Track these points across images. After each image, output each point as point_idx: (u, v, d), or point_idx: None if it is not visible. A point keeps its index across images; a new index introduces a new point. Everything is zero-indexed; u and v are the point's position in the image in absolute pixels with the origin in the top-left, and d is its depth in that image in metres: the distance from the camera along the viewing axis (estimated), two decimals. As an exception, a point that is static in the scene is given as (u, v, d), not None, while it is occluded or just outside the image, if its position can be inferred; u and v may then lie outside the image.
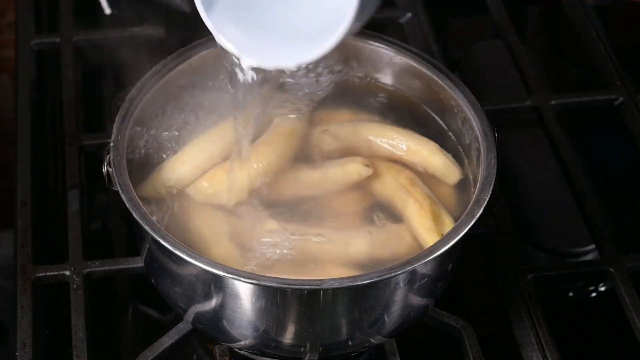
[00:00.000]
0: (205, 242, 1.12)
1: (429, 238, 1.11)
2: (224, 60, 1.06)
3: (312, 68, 1.22)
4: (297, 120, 1.21)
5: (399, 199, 1.15)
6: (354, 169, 1.16)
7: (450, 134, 1.22)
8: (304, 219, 1.15)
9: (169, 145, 1.20)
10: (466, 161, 1.19)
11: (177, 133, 1.21)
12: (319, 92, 1.23)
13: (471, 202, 1.09)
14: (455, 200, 1.17)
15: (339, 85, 1.25)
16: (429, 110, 1.24)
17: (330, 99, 1.24)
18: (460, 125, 1.20)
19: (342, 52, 1.25)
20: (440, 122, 1.23)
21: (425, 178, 1.18)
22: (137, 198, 1.08)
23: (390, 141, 1.19)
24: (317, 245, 1.12)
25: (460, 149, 1.20)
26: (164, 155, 1.18)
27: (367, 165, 1.16)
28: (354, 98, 1.25)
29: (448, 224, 1.12)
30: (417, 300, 1.11)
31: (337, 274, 1.06)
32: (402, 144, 1.19)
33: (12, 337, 1.19)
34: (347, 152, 1.20)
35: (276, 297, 1.05)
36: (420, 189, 1.15)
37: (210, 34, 1.01)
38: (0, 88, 1.92)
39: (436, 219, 1.13)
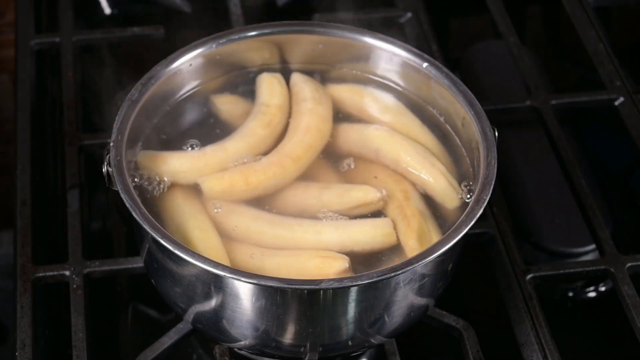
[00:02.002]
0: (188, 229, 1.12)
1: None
2: None
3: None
4: (324, 121, 1.22)
5: (391, 213, 1.15)
6: (361, 196, 1.16)
7: (453, 133, 1.22)
8: (289, 211, 1.16)
9: (169, 141, 1.20)
10: (468, 160, 1.19)
11: (178, 131, 1.22)
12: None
13: (471, 202, 1.09)
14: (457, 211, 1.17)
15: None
16: (431, 108, 1.24)
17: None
18: (460, 125, 1.20)
19: (344, 51, 1.25)
20: (442, 119, 1.23)
21: None
22: (137, 198, 1.08)
23: (395, 156, 1.19)
24: (299, 234, 1.12)
25: (462, 148, 1.20)
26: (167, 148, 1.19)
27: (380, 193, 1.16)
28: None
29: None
30: (417, 300, 1.11)
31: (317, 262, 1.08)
32: (406, 161, 1.19)
33: (12, 337, 1.19)
34: (357, 154, 1.21)
35: (276, 297, 1.04)
36: (412, 203, 1.15)
37: (209, 33, 1.00)
38: (0, 88, 1.92)
39: (422, 238, 1.12)
